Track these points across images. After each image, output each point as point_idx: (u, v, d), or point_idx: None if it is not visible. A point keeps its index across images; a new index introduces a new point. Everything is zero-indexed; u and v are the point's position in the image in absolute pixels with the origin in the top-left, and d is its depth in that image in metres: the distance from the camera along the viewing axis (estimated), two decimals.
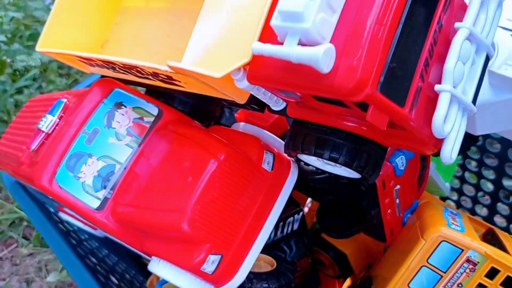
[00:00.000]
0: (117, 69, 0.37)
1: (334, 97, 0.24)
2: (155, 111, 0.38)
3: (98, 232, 0.53)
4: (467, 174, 0.63)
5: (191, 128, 0.37)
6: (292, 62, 0.23)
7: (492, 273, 0.35)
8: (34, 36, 1.31)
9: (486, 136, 0.58)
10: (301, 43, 0.23)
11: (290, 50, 0.22)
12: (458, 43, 0.25)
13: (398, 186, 0.39)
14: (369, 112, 0.24)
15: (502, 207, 0.61)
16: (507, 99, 0.38)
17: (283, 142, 0.35)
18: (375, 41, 0.22)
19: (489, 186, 0.61)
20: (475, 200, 0.63)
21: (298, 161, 0.35)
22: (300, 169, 0.39)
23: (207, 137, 0.35)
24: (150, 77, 0.36)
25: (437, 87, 0.25)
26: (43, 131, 0.38)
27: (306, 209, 0.54)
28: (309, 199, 0.54)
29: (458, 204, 0.65)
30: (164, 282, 0.39)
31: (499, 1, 0.27)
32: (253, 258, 0.34)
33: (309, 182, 0.39)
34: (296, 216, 0.46)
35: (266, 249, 0.43)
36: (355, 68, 0.22)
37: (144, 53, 0.42)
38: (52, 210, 0.57)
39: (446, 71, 0.25)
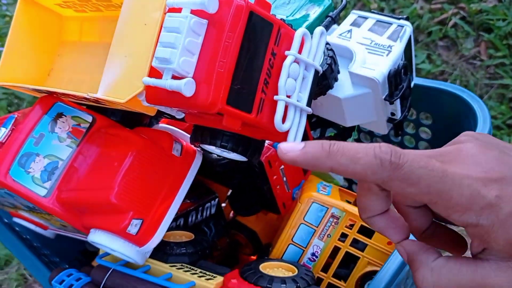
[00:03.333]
0: (59, 95, 0.48)
1: (198, 111, 0.35)
2: (89, 118, 0.48)
3: (48, 233, 0.61)
4: None
5: (118, 129, 0.47)
6: (168, 90, 0.34)
7: (351, 224, 0.47)
8: None
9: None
10: (174, 77, 0.34)
11: (165, 82, 0.34)
12: (286, 66, 0.36)
13: (282, 166, 0.50)
14: (224, 119, 0.36)
15: None
16: (364, 92, 0.50)
17: None
18: (220, 73, 0.34)
19: None
20: None
21: (203, 150, 0.46)
22: (207, 159, 0.50)
23: (130, 134, 0.45)
24: (84, 100, 0.46)
25: (274, 97, 0.37)
26: None
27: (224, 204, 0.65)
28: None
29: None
30: (103, 255, 0.49)
31: (320, 33, 0.39)
32: (167, 223, 0.44)
33: (215, 168, 0.49)
34: (212, 202, 0.56)
35: (189, 230, 0.53)
36: (209, 92, 0.34)
37: (81, 80, 0.52)
38: (6, 221, 0.65)
39: (279, 86, 0.37)
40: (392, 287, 0.44)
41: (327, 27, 0.55)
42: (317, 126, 0.58)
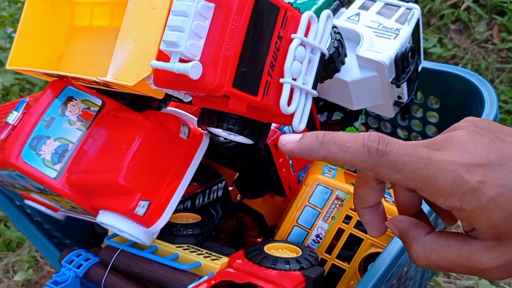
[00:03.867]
0: (69, 79, 0.48)
1: (205, 93, 0.36)
2: (99, 102, 0.49)
3: (59, 215, 0.62)
4: None
5: (127, 112, 0.48)
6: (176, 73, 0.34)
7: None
8: None
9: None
10: (182, 60, 0.34)
11: (173, 65, 0.34)
12: (292, 49, 0.37)
13: None
14: (230, 101, 0.36)
15: None
16: (370, 76, 0.51)
17: None
18: (226, 56, 0.34)
19: None
20: None
21: (209, 133, 0.47)
22: (214, 142, 0.50)
23: (138, 117, 0.46)
24: (94, 84, 0.47)
25: (280, 80, 0.37)
26: (10, 124, 0.48)
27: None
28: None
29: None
30: (111, 236, 0.50)
31: (327, 16, 0.39)
32: (174, 205, 0.45)
33: (222, 150, 0.50)
34: (219, 185, 0.57)
35: (196, 212, 0.54)
36: (215, 75, 0.34)
37: (91, 64, 0.53)
38: (18, 203, 0.66)
39: (285, 69, 0.37)
40: (395, 268, 0.45)
41: (335, 10, 0.55)
42: (324, 110, 0.59)
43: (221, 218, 0.58)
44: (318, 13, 0.56)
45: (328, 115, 0.59)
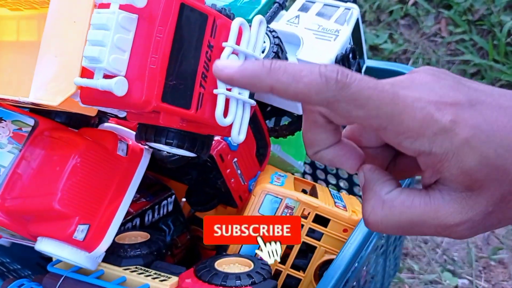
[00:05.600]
0: None
1: (133, 110, 0.34)
2: (31, 122, 0.46)
3: (3, 241, 0.59)
4: None
5: (61, 131, 0.45)
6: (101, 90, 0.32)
7: (306, 215, 0.46)
8: None
9: None
10: (106, 75, 0.32)
11: (96, 82, 0.32)
12: (223, 58, 0.35)
13: (235, 159, 0.49)
14: (161, 117, 0.34)
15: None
16: None
17: None
18: (152, 69, 0.32)
19: None
20: (325, 172, 0.76)
21: (151, 148, 0.45)
22: (158, 156, 0.48)
23: (72, 136, 0.44)
24: (22, 103, 0.44)
25: (214, 91, 0.35)
26: None
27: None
28: None
29: (315, 177, 0.77)
30: (55, 263, 0.47)
31: (259, 22, 0.38)
32: (116, 226, 0.43)
33: (167, 165, 0.48)
34: (169, 199, 0.55)
35: (146, 229, 0.52)
36: (142, 90, 0.32)
37: (21, 81, 0.50)
38: None
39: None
40: (350, 273, 0.44)
41: (275, 13, 0.54)
42: (272, 115, 0.57)
43: (173, 233, 0.56)
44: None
45: (276, 120, 0.58)
